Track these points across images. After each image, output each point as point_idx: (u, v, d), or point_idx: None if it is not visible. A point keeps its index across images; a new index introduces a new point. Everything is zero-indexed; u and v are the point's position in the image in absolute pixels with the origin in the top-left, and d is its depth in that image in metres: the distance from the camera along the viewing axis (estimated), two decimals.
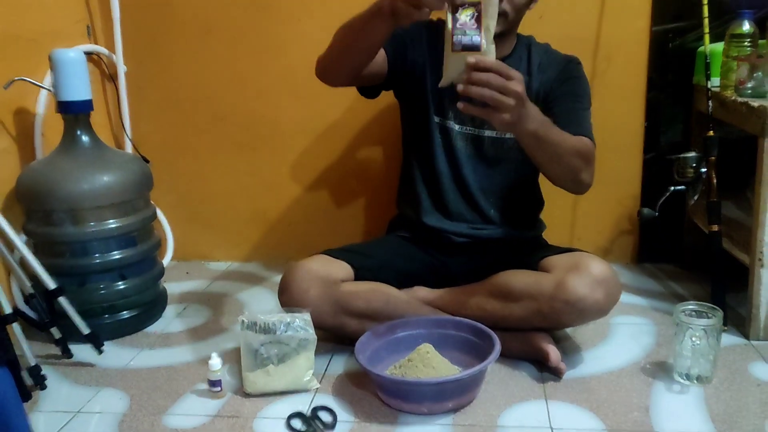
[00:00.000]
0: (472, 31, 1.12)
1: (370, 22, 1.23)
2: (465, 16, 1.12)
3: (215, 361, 1.29)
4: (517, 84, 1.14)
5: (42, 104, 1.70)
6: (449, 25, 1.13)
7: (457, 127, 1.50)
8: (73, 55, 1.54)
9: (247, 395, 1.30)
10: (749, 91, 1.50)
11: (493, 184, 1.53)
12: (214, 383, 1.30)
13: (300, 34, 1.91)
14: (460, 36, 1.12)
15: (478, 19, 1.11)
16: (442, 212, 1.54)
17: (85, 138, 1.57)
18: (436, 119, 1.51)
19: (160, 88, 1.99)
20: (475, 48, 1.11)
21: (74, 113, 1.55)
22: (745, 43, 1.53)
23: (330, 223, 2.06)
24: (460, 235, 1.52)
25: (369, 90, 1.53)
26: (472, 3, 1.11)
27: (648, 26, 1.82)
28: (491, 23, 1.14)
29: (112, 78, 1.96)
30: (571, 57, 1.53)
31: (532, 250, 1.48)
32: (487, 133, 1.49)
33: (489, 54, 1.14)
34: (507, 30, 1.44)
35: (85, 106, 1.56)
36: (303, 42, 1.92)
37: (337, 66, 1.39)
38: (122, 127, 1.96)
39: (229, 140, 2.02)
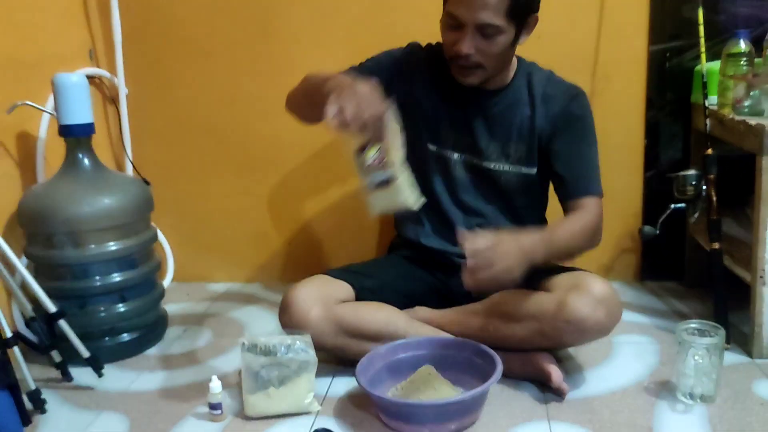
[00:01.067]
0: (378, 171, 1.15)
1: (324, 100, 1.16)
2: (371, 156, 1.15)
3: (215, 384, 1.29)
4: (509, 248, 1.19)
5: (44, 128, 1.71)
6: (357, 165, 1.16)
7: (455, 155, 1.50)
8: (76, 79, 1.55)
9: (248, 418, 1.29)
10: (746, 110, 1.51)
11: (495, 210, 1.52)
12: (214, 406, 1.29)
13: (300, 56, 1.92)
14: (371, 175, 1.16)
15: (384, 155, 1.15)
16: (441, 235, 1.54)
17: (86, 161, 1.58)
18: (433, 147, 1.51)
19: (161, 110, 2.00)
20: (387, 183, 1.14)
21: (76, 136, 1.56)
22: (742, 62, 1.54)
23: (330, 244, 2.06)
24: (461, 256, 1.51)
25: None
26: (377, 140, 1.14)
27: (645, 46, 1.83)
28: (398, 154, 1.18)
29: (114, 101, 1.97)
30: (576, 90, 1.48)
31: (533, 270, 1.47)
32: (485, 164, 1.49)
33: (400, 183, 1.16)
34: (493, 73, 1.42)
35: (87, 130, 1.57)
36: (303, 63, 1.92)
37: (302, 115, 1.44)
38: (123, 149, 1.97)
39: (230, 161, 2.03)
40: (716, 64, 1.64)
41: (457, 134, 1.49)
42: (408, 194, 1.19)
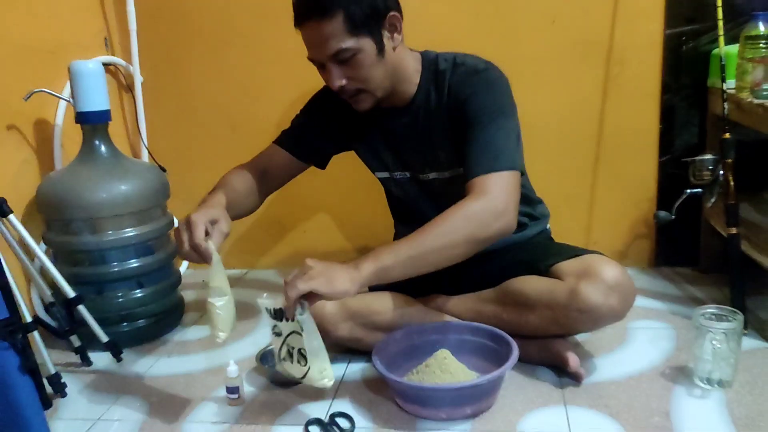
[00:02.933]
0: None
1: None
2: None
3: (233, 368, 1.30)
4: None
5: (61, 115, 1.72)
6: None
7: (401, 175, 1.49)
8: (92, 66, 1.56)
9: (265, 404, 1.30)
10: (765, 93, 1.49)
11: None
12: (231, 390, 1.30)
13: None
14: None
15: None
16: None
17: (103, 148, 1.59)
18: (382, 174, 1.52)
19: (176, 98, 2.01)
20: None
21: (92, 123, 1.57)
22: (761, 45, 1.52)
23: (344, 231, 2.06)
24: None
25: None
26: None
27: (661, 29, 1.81)
28: (217, 282, 1.23)
29: (129, 88, 1.98)
30: (480, 67, 1.34)
31: (543, 251, 1.45)
32: (424, 176, 1.45)
33: (213, 310, 1.21)
34: (382, 91, 1.33)
35: (104, 117, 1.58)
36: None
37: None
38: (139, 136, 1.98)
39: (245, 149, 2.01)
40: (734, 48, 1.62)
41: (390, 157, 1.48)
42: (217, 324, 1.22)
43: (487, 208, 1.21)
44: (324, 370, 1.18)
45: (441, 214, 1.22)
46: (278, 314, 1.20)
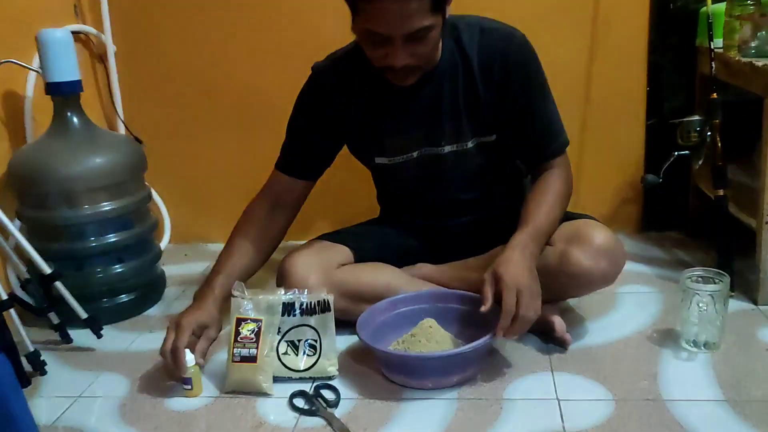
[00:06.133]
0: (251, 344, 1.22)
1: None
2: (246, 330, 1.23)
3: (188, 357, 1.22)
4: (522, 282, 1.16)
5: (31, 86, 1.66)
6: (232, 337, 1.23)
7: (412, 154, 1.39)
8: (60, 35, 1.50)
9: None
10: (753, 51, 1.46)
11: (463, 190, 1.45)
12: (186, 380, 1.23)
13: (293, 8, 1.87)
14: (239, 348, 1.22)
15: (258, 333, 1.22)
16: (426, 217, 1.50)
17: (75, 119, 1.54)
18: (383, 160, 1.42)
19: (151, 66, 1.95)
20: (252, 359, 1.21)
21: (63, 95, 1.52)
22: (748, 2, 1.49)
23: (328, 201, 2.02)
24: (450, 226, 1.49)
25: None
26: (254, 319, 1.24)
27: None
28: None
29: (102, 58, 1.92)
30: (511, 36, 1.31)
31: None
32: (445, 149, 1.37)
33: (267, 365, 1.23)
34: (431, 65, 1.29)
35: (74, 87, 1.53)
36: (297, 16, 1.87)
37: None
38: (114, 108, 1.92)
39: (225, 118, 1.99)
40: (722, 6, 1.58)
41: (404, 134, 1.38)
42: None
43: (570, 186, 1.36)
44: (332, 358, 1.26)
45: (544, 192, 1.30)
46: (286, 309, 1.26)
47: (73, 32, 1.63)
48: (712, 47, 1.56)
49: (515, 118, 1.33)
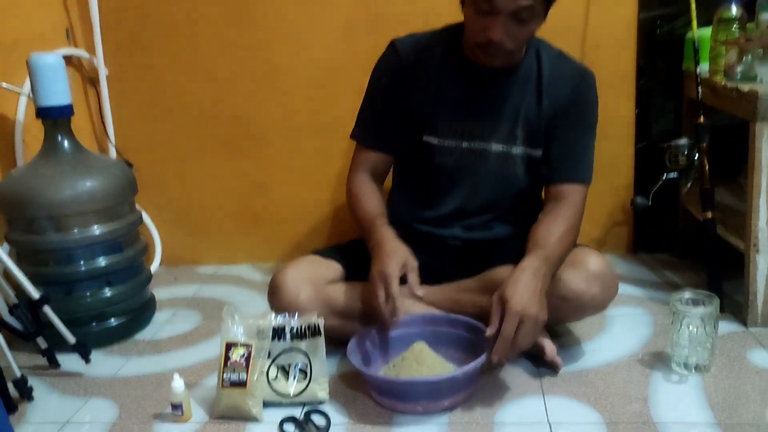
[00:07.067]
0: (241, 369, 1.21)
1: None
2: (236, 355, 1.22)
3: (177, 383, 1.21)
4: (529, 310, 1.15)
5: (22, 110, 1.67)
6: (221, 362, 1.23)
7: (460, 143, 1.42)
8: (51, 59, 1.50)
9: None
10: (739, 76, 1.48)
11: (492, 196, 1.46)
12: (176, 406, 1.22)
13: (283, 33, 1.88)
14: (229, 373, 1.21)
15: (248, 358, 1.22)
16: (435, 222, 1.49)
17: (66, 143, 1.54)
18: (433, 140, 1.43)
19: (142, 90, 1.96)
20: (242, 384, 1.20)
21: (54, 118, 1.52)
22: (733, 27, 1.51)
23: (319, 223, 2.03)
24: (454, 238, 1.49)
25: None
26: (244, 344, 1.23)
27: (635, 13, 1.80)
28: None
29: (93, 82, 1.93)
30: (585, 72, 1.42)
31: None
32: (493, 146, 1.41)
33: (256, 390, 1.22)
34: (518, 55, 1.37)
35: (65, 111, 1.53)
36: (287, 41, 1.89)
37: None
38: (104, 130, 1.93)
39: (215, 141, 2.00)
40: (707, 31, 1.61)
41: (462, 120, 1.41)
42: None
43: (580, 223, 1.38)
44: (323, 383, 1.26)
45: (558, 220, 1.33)
46: (276, 333, 1.26)
47: (65, 56, 1.64)
48: (698, 72, 1.58)
49: (558, 138, 1.39)
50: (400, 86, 1.41)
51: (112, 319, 1.59)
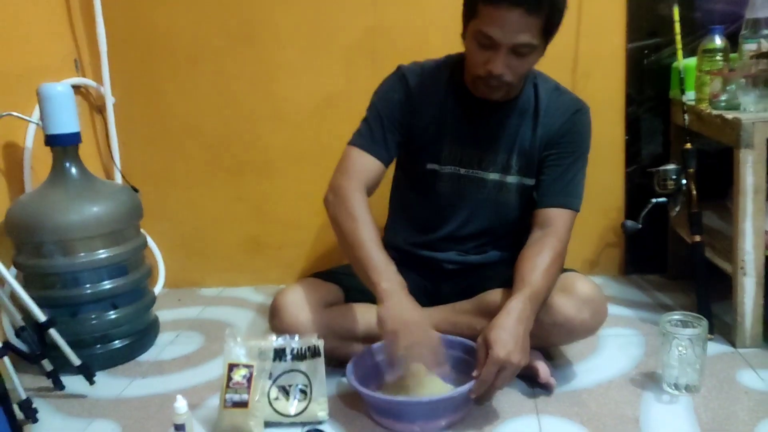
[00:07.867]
0: (243, 390, 1.24)
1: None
2: (239, 375, 1.25)
3: (180, 404, 1.19)
4: (511, 357, 1.19)
5: (30, 138, 1.71)
6: (224, 382, 1.25)
7: (457, 170, 1.46)
8: (60, 89, 1.55)
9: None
10: (723, 104, 1.53)
11: (487, 222, 1.50)
12: (179, 427, 1.19)
13: (285, 62, 1.94)
14: (231, 394, 1.24)
15: (250, 379, 1.24)
16: (432, 246, 1.53)
17: (73, 170, 1.59)
18: (433, 166, 1.47)
19: (148, 118, 2.01)
20: (243, 405, 1.23)
21: (62, 146, 1.57)
22: (717, 58, 1.57)
23: (320, 247, 2.07)
24: (450, 262, 1.53)
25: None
26: (246, 365, 1.26)
27: (623, 43, 1.86)
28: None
29: (101, 110, 1.98)
30: (580, 105, 1.47)
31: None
32: (489, 175, 1.46)
33: (258, 410, 1.25)
34: (517, 88, 1.42)
35: (73, 139, 1.58)
36: (289, 69, 1.95)
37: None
38: (111, 157, 1.97)
39: (218, 167, 2.04)
40: (693, 61, 1.67)
41: (461, 148, 1.46)
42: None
43: (565, 252, 1.41)
44: (322, 403, 1.29)
45: (542, 254, 1.34)
46: (277, 354, 1.29)
47: (73, 85, 1.69)
48: (684, 100, 1.64)
49: (550, 165, 1.44)
50: (406, 109, 1.45)
51: (117, 341, 1.61)
